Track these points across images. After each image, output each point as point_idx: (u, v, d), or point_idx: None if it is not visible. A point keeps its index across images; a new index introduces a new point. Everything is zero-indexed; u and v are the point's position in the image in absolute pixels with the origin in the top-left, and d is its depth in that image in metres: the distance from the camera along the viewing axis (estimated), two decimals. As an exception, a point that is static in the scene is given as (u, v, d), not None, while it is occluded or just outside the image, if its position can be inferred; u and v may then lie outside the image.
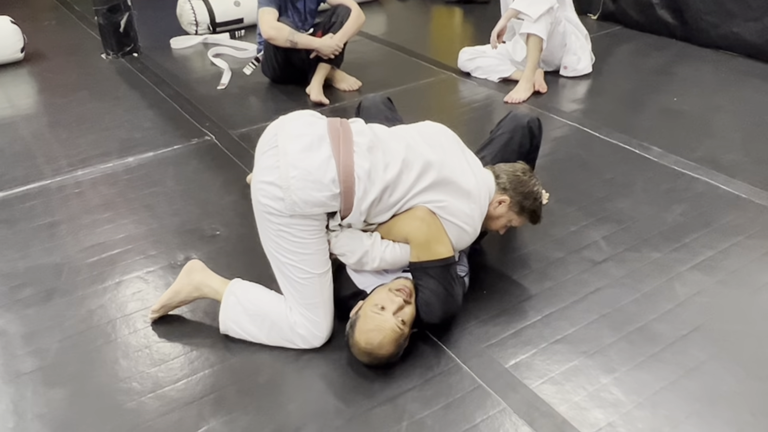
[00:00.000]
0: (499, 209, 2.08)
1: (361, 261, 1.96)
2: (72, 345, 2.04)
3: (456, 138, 2.12)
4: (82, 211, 2.74)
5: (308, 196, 1.80)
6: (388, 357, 1.84)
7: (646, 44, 4.46)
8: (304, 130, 1.88)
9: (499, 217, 2.11)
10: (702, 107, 3.50)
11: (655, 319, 2.06)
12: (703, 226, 2.50)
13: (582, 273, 2.28)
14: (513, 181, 2.10)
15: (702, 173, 2.85)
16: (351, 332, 1.86)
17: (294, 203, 1.80)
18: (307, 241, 1.88)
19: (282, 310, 1.96)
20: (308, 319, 1.94)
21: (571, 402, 1.78)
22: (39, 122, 3.62)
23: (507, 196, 2.08)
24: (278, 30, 3.53)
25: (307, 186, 1.79)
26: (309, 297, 1.92)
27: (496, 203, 2.08)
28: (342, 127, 1.90)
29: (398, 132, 2.03)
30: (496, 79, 3.91)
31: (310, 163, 1.80)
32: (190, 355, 1.99)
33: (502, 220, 2.12)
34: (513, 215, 2.11)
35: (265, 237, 1.94)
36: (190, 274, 2.09)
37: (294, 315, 1.94)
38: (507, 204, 2.08)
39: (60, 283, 2.31)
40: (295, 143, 1.83)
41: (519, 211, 2.11)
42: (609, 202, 2.67)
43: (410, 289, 1.91)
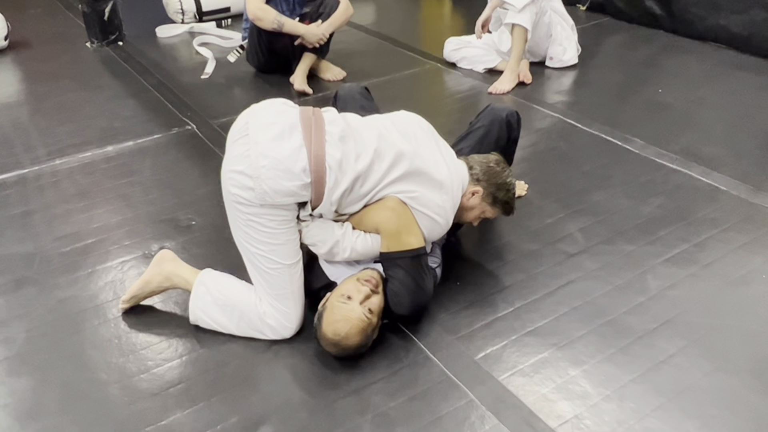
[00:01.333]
0: (472, 200, 2.07)
1: (331, 251, 1.95)
2: (40, 334, 2.03)
3: (430, 128, 2.11)
4: (57, 200, 2.72)
5: (278, 186, 1.78)
6: (355, 347, 1.83)
7: (633, 35, 4.44)
8: (276, 118, 1.86)
9: (472, 209, 2.10)
10: (686, 99, 3.48)
11: (625, 312, 2.06)
12: (679, 219, 2.49)
13: (555, 265, 2.27)
14: (486, 172, 2.09)
15: (681, 165, 2.84)
16: (318, 324, 1.85)
17: (264, 192, 1.78)
18: (277, 231, 1.87)
19: (252, 300, 1.95)
20: (278, 310, 1.93)
21: (538, 394, 1.77)
22: (19, 111, 3.59)
23: (480, 187, 2.07)
24: (265, 11, 3.51)
25: (278, 175, 1.78)
26: (279, 288, 1.91)
27: (469, 194, 2.07)
28: (314, 116, 1.88)
29: (371, 121, 2.01)
30: (482, 69, 3.88)
31: (281, 152, 1.79)
32: (160, 345, 1.98)
33: (475, 212, 2.11)
34: (486, 206, 2.10)
35: (234, 227, 1.93)
36: (161, 264, 2.08)
37: (263, 305, 1.93)
38: (480, 195, 2.07)
39: (31, 273, 2.30)
40: (266, 132, 1.81)
41: (492, 203, 2.10)
42: (587, 194, 2.66)
43: (377, 279, 1.90)
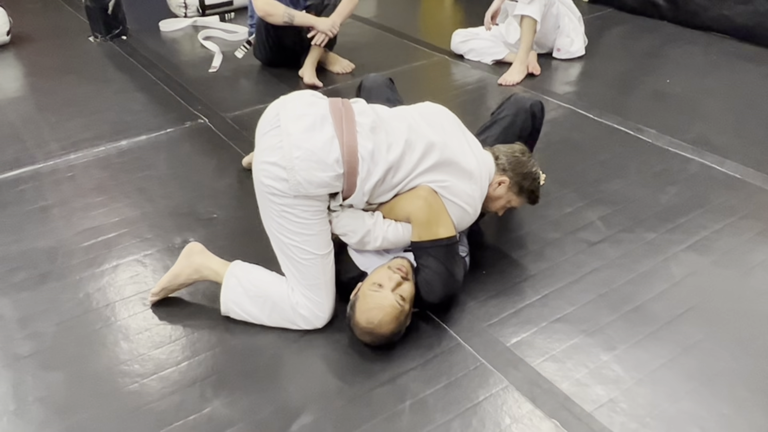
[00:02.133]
0: (498, 190, 2.09)
1: (362, 241, 1.96)
2: (69, 328, 2.03)
3: (456, 119, 2.12)
4: (74, 194, 2.71)
5: (312, 177, 1.79)
6: (389, 335, 1.85)
7: (637, 26, 4.47)
8: (306, 110, 1.87)
9: (498, 198, 2.11)
10: (694, 89, 3.52)
11: (651, 299, 2.08)
12: (696, 207, 2.52)
13: (578, 254, 2.29)
14: (512, 162, 2.11)
15: (695, 154, 2.87)
16: (351, 313, 1.87)
17: (298, 183, 1.79)
18: (311, 221, 1.87)
19: (284, 291, 1.95)
20: (310, 300, 1.94)
21: (572, 379, 1.80)
22: (27, 106, 3.57)
23: (506, 177, 2.09)
24: (274, 6, 3.50)
25: (311, 166, 1.79)
26: (311, 278, 1.92)
27: (495, 184, 2.09)
28: (344, 107, 1.89)
29: (400, 112, 2.02)
30: (490, 61, 3.90)
31: (314, 144, 1.79)
32: (191, 337, 1.98)
33: (501, 201, 2.13)
34: (512, 196, 2.12)
35: (267, 217, 1.93)
36: (190, 256, 2.08)
37: (296, 296, 1.94)
38: (506, 185, 2.09)
39: (55, 267, 2.29)
40: (298, 123, 1.82)
41: (518, 192, 2.12)
42: (603, 184, 2.69)
43: (407, 267, 1.91)
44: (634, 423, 1.67)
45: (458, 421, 1.69)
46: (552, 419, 1.69)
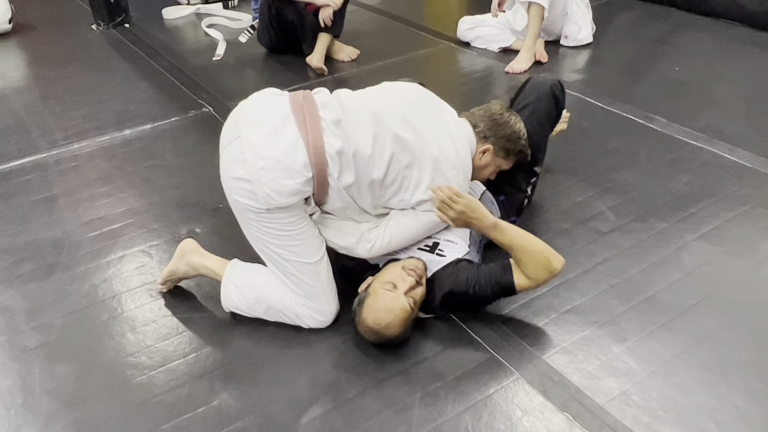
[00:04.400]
0: (484, 159, 2.00)
1: (353, 248, 1.92)
2: (77, 320, 2.01)
3: (427, 95, 1.98)
4: (80, 185, 2.69)
5: (281, 186, 1.70)
6: (394, 337, 1.82)
7: (645, 13, 4.41)
8: (266, 112, 1.77)
9: (485, 167, 2.03)
10: (703, 76, 3.48)
11: (663, 289, 2.06)
12: (708, 196, 2.49)
13: (589, 244, 2.27)
14: (492, 126, 2.00)
15: (706, 143, 2.84)
16: (359, 309, 1.83)
17: (267, 196, 1.70)
18: (294, 231, 1.80)
19: (286, 301, 1.90)
20: (312, 308, 1.90)
21: (584, 371, 1.78)
22: (31, 95, 3.54)
23: (489, 144, 1.99)
24: None
25: (278, 176, 1.70)
26: (307, 287, 1.87)
27: (479, 154, 1.99)
28: (305, 102, 1.79)
29: (366, 101, 1.87)
30: (496, 48, 3.86)
31: (278, 150, 1.70)
32: (199, 328, 1.97)
33: (489, 168, 2.05)
34: (500, 161, 2.04)
35: (248, 234, 1.88)
36: (184, 255, 2.05)
37: (297, 307, 1.90)
38: (491, 152, 2.00)
39: (61, 258, 2.27)
40: (259, 129, 1.72)
41: (505, 155, 2.04)
42: (614, 173, 2.66)
43: (422, 269, 1.87)
44: (647, 416, 1.65)
45: (469, 413, 1.67)
46: (563, 412, 1.67)
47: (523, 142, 2.04)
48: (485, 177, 2.09)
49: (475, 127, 1.99)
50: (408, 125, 1.83)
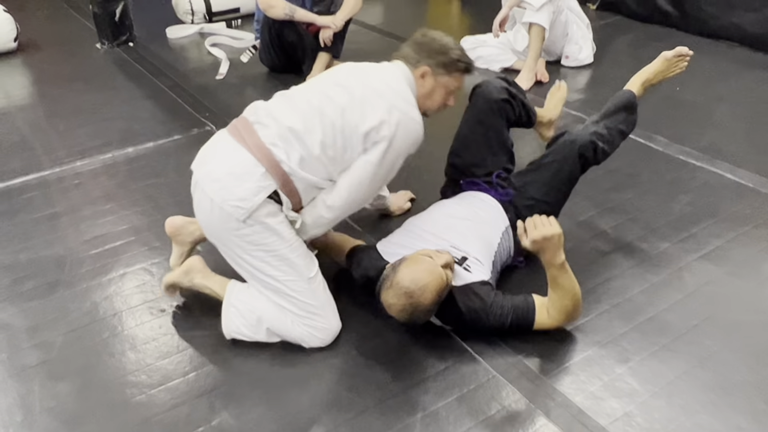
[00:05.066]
0: (426, 84, 1.96)
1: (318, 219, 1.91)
2: (77, 338, 2.01)
3: (363, 67, 1.99)
4: (82, 202, 2.70)
5: (242, 192, 1.77)
6: (424, 306, 1.78)
7: (645, 34, 4.45)
8: (207, 151, 1.92)
9: (432, 92, 1.98)
10: (704, 97, 3.50)
11: (665, 310, 2.06)
12: (709, 216, 2.49)
13: (591, 263, 2.27)
14: (419, 50, 1.96)
15: (707, 163, 2.84)
16: (391, 274, 1.81)
17: (236, 208, 1.77)
18: (281, 250, 1.83)
19: (286, 323, 1.90)
20: (313, 328, 1.90)
21: (586, 392, 1.77)
22: (35, 113, 3.56)
23: (424, 66, 1.95)
24: (276, 0, 3.52)
25: (235, 185, 1.78)
26: (305, 305, 1.88)
27: (420, 80, 1.95)
28: (238, 122, 1.91)
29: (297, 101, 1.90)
30: (498, 68, 3.88)
31: (224, 166, 1.82)
32: (199, 347, 1.96)
33: (438, 93, 1.99)
34: (444, 79, 1.97)
35: (240, 267, 1.91)
36: (189, 273, 2.06)
37: (297, 328, 1.90)
38: (430, 73, 1.95)
39: (63, 276, 2.28)
40: (205, 163, 1.88)
41: (446, 71, 1.97)
42: (615, 193, 2.66)
43: (452, 259, 1.87)
44: (651, 437, 1.64)
45: (471, 434, 1.66)
46: (566, 433, 1.66)
47: (456, 51, 1.98)
48: (439, 103, 2.02)
49: (406, 59, 1.97)
50: (335, 83, 1.91)
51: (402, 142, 1.87)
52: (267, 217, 1.81)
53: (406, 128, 1.86)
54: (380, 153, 1.85)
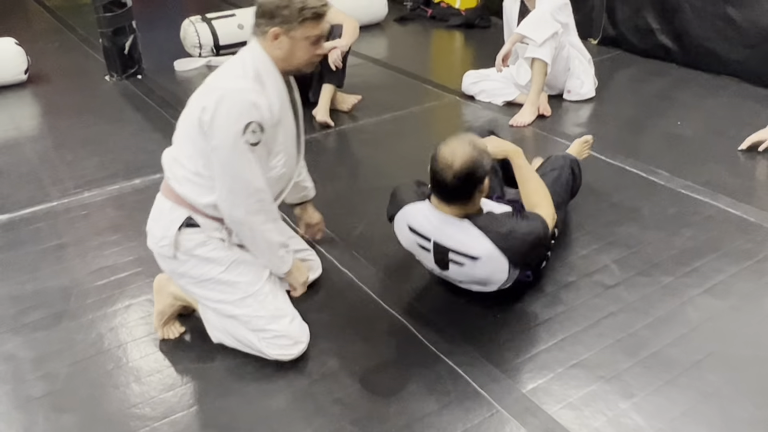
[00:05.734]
0: (282, 44, 1.89)
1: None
2: (82, 369, 2.02)
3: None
4: (89, 233, 2.72)
5: (159, 231, 1.96)
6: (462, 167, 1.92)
7: (646, 69, 4.51)
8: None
9: (293, 48, 1.90)
10: (705, 131, 3.53)
11: (669, 344, 2.06)
12: (712, 250, 2.50)
13: (594, 297, 2.27)
14: (262, 13, 1.89)
15: (709, 197, 2.86)
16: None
17: (162, 247, 1.96)
18: (218, 275, 1.94)
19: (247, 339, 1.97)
20: (268, 340, 1.95)
21: (591, 427, 1.76)
22: (44, 144, 3.61)
23: (273, 27, 1.87)
24: None
25: (154, 228, 1.99)
26: (256, 322, 1.95)
27: (273, 43, 1.88)
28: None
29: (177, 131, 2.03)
30: (501, 102, 3.93)
31: (149, 219, 2.04)
32: (202, 379, 1.97)
33: (300, 47, 1.90)
34: (301, 31, 1.87)
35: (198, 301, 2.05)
36: (162, 290, 2.13)
37: (256, 343, 1.96)
38: (282, 32, 1.87)
39: (69, 306, 2.29)
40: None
41: (300, 22, 1.86)
42: (618, 226, 2.68)
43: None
44: (656, 474, 1.64)
45: (475, 470, 1.66)
46: (571, 469, 1.65)
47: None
48: (307, 56, 1.94)
49: (257, 30, 1.91)
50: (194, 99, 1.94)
51: (228, 113, 1.80)
52: (197, 249, 1.93)
53: (229, 100, 1.81)
54: (216, 133, 1.83)
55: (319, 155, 3.42)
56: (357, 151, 3.58)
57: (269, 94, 1.89)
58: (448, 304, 2.25)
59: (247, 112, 1.81)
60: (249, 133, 1.82)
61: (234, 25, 4.96)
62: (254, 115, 1.82)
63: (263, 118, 1.84)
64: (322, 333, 2.11)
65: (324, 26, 1.93)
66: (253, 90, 1.85)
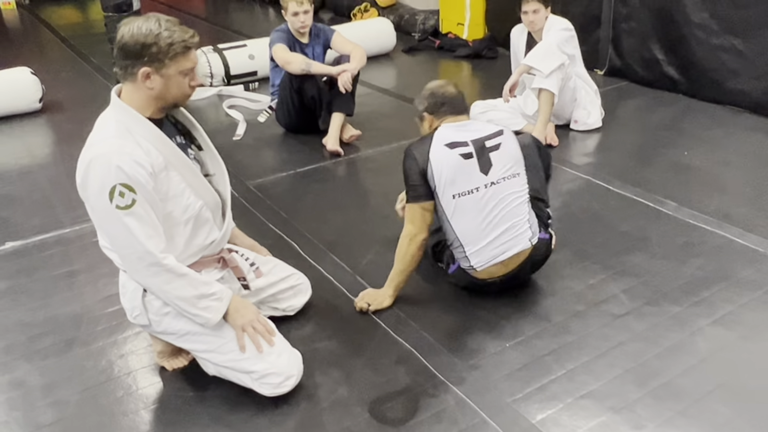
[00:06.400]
0: (154, 82, 1.77)
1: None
2: (92, 396, 2.03)
3: None
4: (100, 260, 2.71)
5: (127, 303, 2.00)
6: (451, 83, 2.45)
7: (652, 99, 4.55)
8: None
9: (167, 84, 1.79)
10: (711, 161, 3.55)
11: (679, 375, 2.05)
12: (721, 280, 2.50)
13: (603, 327, 2.27)
14: (126, 55, 1.76)
15: (717, 227, 2.87)
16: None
17: (135, 318, 1.99)
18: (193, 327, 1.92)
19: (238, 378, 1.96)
20: (257, 380, 1.92)
21: (600, 459, 1.75)
22: (57, 171, 3.66)
23: (140, 68, 1.75)
24: (293, 55, 3.70)
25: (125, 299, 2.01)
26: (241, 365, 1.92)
27: (147, 82, 1.77)
28: None
29: None
30: (508, 132, 3.96)
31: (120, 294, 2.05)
32: (212, 407, 1.97)
33: (174, 81, 1.79)
34: (171, 69, 1.77)
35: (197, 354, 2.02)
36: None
37: (249, 383, 1.94)
38: (151, 71, 1.75)
39: (80, 333, 2.31)
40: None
41: (168, 59, 1.75)
42: (626, 256, 2.69)
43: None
44: (667, 507, 1.62)
45: (485, 501, 1.64)
46: (581, 501, 1.64)
47: (165, 34, 1.74)
48: (182, 91, 1.83)
49: (123, 72, 1.79)
50: None
51: (93, 182, 1.74)
52: (165, 307, 1.92)
53: (92, 167, 1.73)
54: (89, 205, 1.82)
55: (327, 183, 3.45)
56: (366, 179, 3.61)
57: (141, 143, 1.77)
58: (457, 333, 2.26)
59: (109, 177, 1.71)
60: (117, 197, 1.71)
61: (245, 55, 5.06)
62: (120, 177, 1.70)
63: (133, 176, 1.72)
64: (332, 361, 2.12)
65: (194, 57, 1.82)
66: (118, 150, 1.73)
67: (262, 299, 2.23)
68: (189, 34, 1.79)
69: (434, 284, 2.54)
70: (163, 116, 1.90)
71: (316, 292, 2.41)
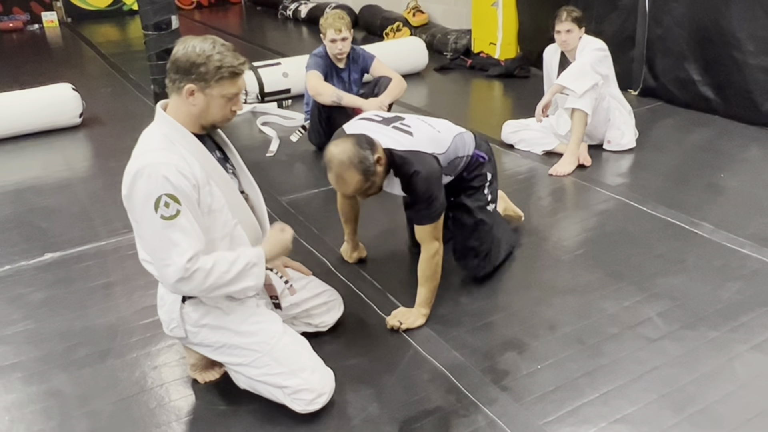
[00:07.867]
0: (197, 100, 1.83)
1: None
2: (126, 407, 2.05)
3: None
4: (136, 272, 2.79)
5: (164, 315, 2.02)
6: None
7: (688, 120, 4.49)
8: None
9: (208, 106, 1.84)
10: (749, 184, 3.48)
11: (716, 401, 2.00)
12: (760, 305, 2.45)
13: (638, 350, 2.23)
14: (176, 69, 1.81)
15: (754, 251, 2.81)
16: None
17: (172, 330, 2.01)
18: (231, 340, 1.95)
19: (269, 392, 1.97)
20: (290, 395, 1.93)
21: (636, 486, 1.72)
22: (95, 185, 3.75)
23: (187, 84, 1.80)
24: (325, 86, 3.73)
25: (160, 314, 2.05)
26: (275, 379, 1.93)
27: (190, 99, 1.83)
28: None
29: None
30: (540, 151, 3.95)
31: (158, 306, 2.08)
32: (244, 422, 1.98)
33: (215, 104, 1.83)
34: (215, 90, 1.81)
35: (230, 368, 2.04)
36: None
37: (281, 397, 1.94)
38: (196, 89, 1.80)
39: (115, 344, 2.34)
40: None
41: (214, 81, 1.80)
42: (661, 278, 2.64)
43: None
44: None
45: None
46: None
47: (216, 57, 1.79)
48: (222, 114, 1.88)
49: (171, 85, 1.85)
50: None
51: (139, 192, 1.77)
52: (203, 319, 1.95)
53: (139, 177, 1.77)
54: (134, 214, 1.83)
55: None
56: (397, 198, 3.61)
57: (185, 156, 1.82)
58: (488, 353, 2.24)
59: (154, 188, 1.74)
60: (162, 207, 1.74)
61: (279, 73, 5.13)
62: (165, 187, 1.74)
63: (178, 187, 1.75)
64: (363, 378, 2.12)
65: (240, 84, 1.87)
66: (164, 161, 1.77)
67: (296, 315, 2.24)
68: (239, 61, 1.84)
69: (465, 303, 2.52)
70: (204, 134, 1.95)
71: (347, 308, 2.42)
